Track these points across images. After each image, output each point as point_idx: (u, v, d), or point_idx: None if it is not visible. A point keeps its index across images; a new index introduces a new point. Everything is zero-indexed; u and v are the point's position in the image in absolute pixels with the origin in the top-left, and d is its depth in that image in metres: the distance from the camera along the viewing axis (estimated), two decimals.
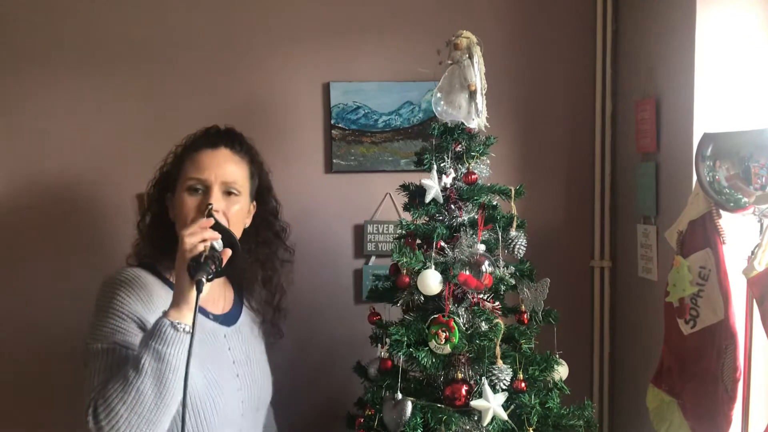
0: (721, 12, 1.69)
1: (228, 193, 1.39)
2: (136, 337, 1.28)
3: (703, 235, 1.54)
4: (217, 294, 1.49)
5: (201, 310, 1.38)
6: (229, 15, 2.04)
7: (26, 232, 2.01)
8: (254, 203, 1.53)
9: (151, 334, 1.19)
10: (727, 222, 1.51)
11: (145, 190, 1.53)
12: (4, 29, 1.96)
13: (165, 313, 1.22)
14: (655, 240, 1.92)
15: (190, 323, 1.19)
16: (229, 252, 1.27)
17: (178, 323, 1.19)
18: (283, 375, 1.65)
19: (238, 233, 1.40)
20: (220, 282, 1.48)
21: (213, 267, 1.21)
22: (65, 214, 2.02)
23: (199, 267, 1.19)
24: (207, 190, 1.36)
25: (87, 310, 1.35)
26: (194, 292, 1.19)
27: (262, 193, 1.55)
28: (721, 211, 1.50)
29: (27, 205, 2.00)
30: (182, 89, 2.03)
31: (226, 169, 1.40)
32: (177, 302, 1.21)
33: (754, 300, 1.45)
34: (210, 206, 1.33)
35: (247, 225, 1.49)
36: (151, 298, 1.34)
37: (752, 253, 1.43)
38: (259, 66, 2.06)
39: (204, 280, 1.19)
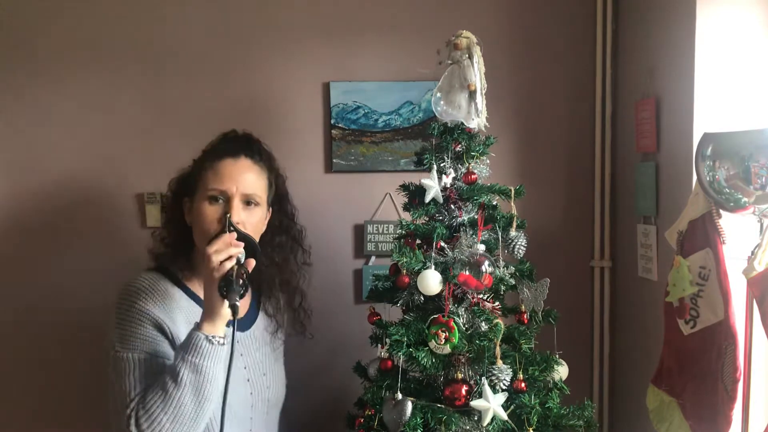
0: (721, 12, 1.69)
1: (247, 203, 1.41)
2: (162, 343, 1.33)
3: (703, 235, 1.53)
4: None
5: None
6: (229, 15, 2.04)
7: (26, 232, 2.01)
8: (270, 209, 1.54)
9: (187, 347, 1.24)
10: (727, 222, 1.51)
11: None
12: (4, 29, 1.96)
13: (198, 326, 1.26)
14: (655, 240, 1.92)
15: (223, 335, 1.26)
16: (252, 262, 1.31)
17: (212, 337, 1.24)
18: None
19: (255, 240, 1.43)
20: None
21: (242, 284, 1.25)
22: (65, 214, 2.02)
23: (231, 289, 1.23)
24: (227, 201, 1.38)
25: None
26: (226, 307, 1.24)
27: (280, 199, 1.57)
28: (721, 211, 1.50)
29: (26, 206, 2.00)
30: (182, 89, 2.03)
31: (247, 180, 1.41)
32: (210, 316, 1.26)
33: (754, 300, 1.45)
34: (228, 216, 1.34)
35: (262, 231, 1.50)
36: (169, 305, 1.37)
37: (752, 253, 1.43)
38: (259, 66, 2.06)
39: (238, 303, 1.24)
